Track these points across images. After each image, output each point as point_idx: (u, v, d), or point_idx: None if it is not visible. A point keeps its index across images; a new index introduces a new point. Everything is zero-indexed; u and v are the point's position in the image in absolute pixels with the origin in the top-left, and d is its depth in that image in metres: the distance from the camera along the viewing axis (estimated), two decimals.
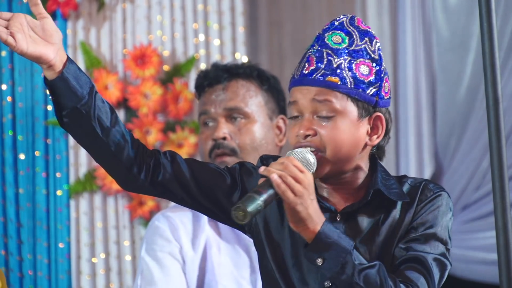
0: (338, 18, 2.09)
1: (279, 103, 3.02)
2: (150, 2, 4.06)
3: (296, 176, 1.92)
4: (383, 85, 2.05)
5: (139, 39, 4.02)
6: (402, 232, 2.02)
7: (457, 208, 4.27)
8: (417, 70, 4.36)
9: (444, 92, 4.37)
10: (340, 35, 2.06)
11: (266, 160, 2.12)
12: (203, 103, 3.00)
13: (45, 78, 1.96)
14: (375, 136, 2.06)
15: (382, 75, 2.05)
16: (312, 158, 2.00)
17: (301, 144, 2.02)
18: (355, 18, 2.09)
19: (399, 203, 2.04)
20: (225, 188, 2.09)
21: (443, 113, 4.37)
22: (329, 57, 2.04)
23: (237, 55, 4.13)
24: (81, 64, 3.96)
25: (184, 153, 3.99)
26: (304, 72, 2.04)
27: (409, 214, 2.03)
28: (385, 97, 2.06)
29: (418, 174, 4.33)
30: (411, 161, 4.31)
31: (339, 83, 2.02)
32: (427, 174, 4.34)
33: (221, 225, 2.98)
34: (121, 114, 4.01)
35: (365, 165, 2.08)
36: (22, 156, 3.92)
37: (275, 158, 2.07)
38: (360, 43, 2.06)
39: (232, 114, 2.94)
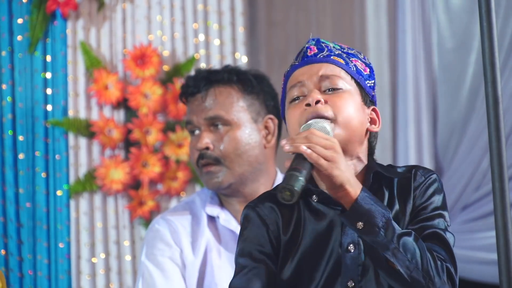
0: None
1: (266, 103, 3.00)
2: (150, 2, 4.06)
3: (323, 143, 1.93)
4: (375, 85, 2.12)
5: (139, 39, 4.03)
6: (408, 219, 2.04)
7: (457, 208, 4.27)
8: (417, 70, 4.36)
9: (446, 92, 4.37)
10: (333, 43, 2.14)
11: (252, 207, 2.10)
12: (188, 112, 3.01)
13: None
14: (375, 125, 2.11)
15: (374, 78, 2.12)
16: (328, 126, 2.01)
17: (311, 115, 2.03)
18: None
19: (396, 193, 2.06)
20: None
21: (444, 113, 4.37)
22: (328, 46, 2.09)
23: (237, 55, 4.13)
24: (81, 64, 3.97)
25: (184, 153, 3.99)
26: (307, 54, 2.07)
27: (409, 201, 2.06)
28: (375, 97, 2.13)
29: None
30: (411, 161, 4.31)
31: (343, 62, 2.07)
32: None
33: (220, 228, 2.98)
34: (121, 114, 4.01)
35: (364, 157, 2.10)
36: (22, 156, 3.92)
37: (262, 199, 2.09)
38: (351, 52, 2.12)
39: (213, 123, 2.94)
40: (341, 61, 2.07)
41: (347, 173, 1.93)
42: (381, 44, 4.41)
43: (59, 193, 3.93)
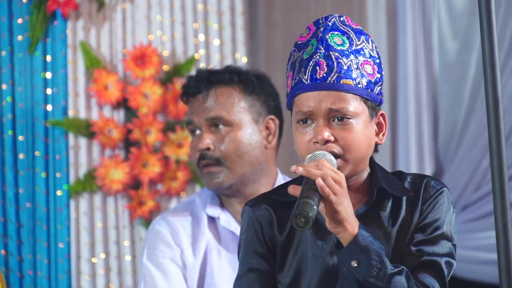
0: (328, 18, 2.06)
1: (267, 104, 2.99)
2: (150, 2, 4.06)
3: (334, 176, 1.93)
4: (383, 82, 2.07)
5: (139, 39, 4.02)
6: (412, 230, 2.03)
7: (457, 208, 4.27)
8: (418, 70, 4.35)
9: (447, 92, 4.36)
10: (339, 36, 2.04)
11: (249, 206, 2.10)
12: (189, 112, 3.00)
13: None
14: (381, 134, 2.08)
15: (382, 73, 2.07)
16: (334, 160, 1.99)
17: (319, 150, 2.00)
18: (344, 17, 2.07)
19: (404, 201, 2.04)
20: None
21: (445, 113, 4.37)
22: (338, 60, 2.01)
23: (237, 55, 4.13)
24: (81, 64, 3.96)
25: (184, 153, 3.99)
26: (316, 76, 2.01)
27: (416, 212, 2.04)
28: (382, 95, 2.09)
29: None
30: (412, 161, 4.31)
31: (352, 85, 2.01)
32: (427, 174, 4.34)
33: (220, 229, 2.98)
34: (121, 114, 4.01)
35: (368, 164, 2.09)
36: (22, 156, 3.92)
37: (258, 200, 2.09)
38: (359, 43, 2.04)
39: (214, 123, 2.93)
40: (351, 83, 2.00)
41: (348, 210, 1.93)
42: (381, 44, 4.41)
43: (59, 193, 3.92)
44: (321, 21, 2.06)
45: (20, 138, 3.92)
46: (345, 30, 2.05)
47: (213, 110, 2.93)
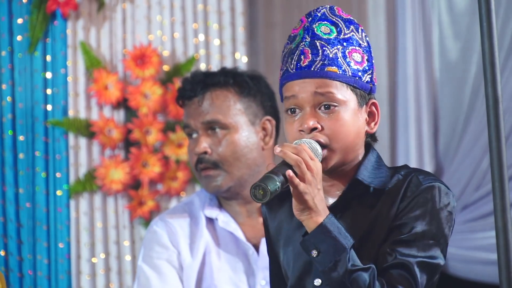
0: (318, 9, 2.06)
1: (263, 104, 2.98)
2: (150, 2, 4.06)
3: (308, 163, 1.91)
4: (374, 71, 2.05)
5: (139, 39, 4.02)
6: (388, 227, 1.98)
7: (457, 208, 4.27)
8: (418, 70, 4.36)
9: (447, 92, 4.36)
10: (327, 26, 2.03)
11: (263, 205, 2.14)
12: (185, 115, 3.00)
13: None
14: (373, 123, 2.06)
15: (373, 61, 2.05)
16: (319, 149, 1.98)
17: (305, 138, 2.00)
18: (335, 7, 2.06)
19: (384, 195, 2.00)
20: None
21: (445, 114, 4.37)
22: (323, 48, 2.01)
23: (237, 55, 4.13)
24: (81, 64, 3.97)
25: (184, 153, 3.99)
26: (300, 65, 2.01)
27: (393, 208, 1.99)
28: (375, 83, 2.07)
29: None
30: (412, 161, 4.31)
31: (338, 72, 2.00)
32: None
33: (219, 230, 2.98)
34: (121, 114, 4.01)
35: (361, 154, 2.06)
36: (22, 156, 3.92)
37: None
38: (347, 32, 2.03)
39: (211, 126, 2.93)
40: (336, 70, 1.99)
41: (316, 199, 1.92)
42: (381, 44, 4.41)
43: (59, 193, 3.93)
44: (312, 12, 2.07)
45: (20, 138, 3.92)
46: (334, 20, 2.04)
47: (209, 113, 2.92)
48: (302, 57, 2.02)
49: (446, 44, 4.37)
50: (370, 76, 2.04)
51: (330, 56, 2.00)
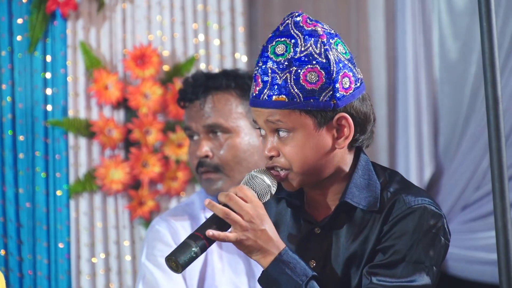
0: (283, 22, 2.01)
1: None
2: (150, 2, 4.06)
3: (240, 208, 1.92)
4: (337, 85, 1.96)
5: (139, 39, 4.03)
6: (370, 251, 1.96)
7: (457, 208, 4.27)
8: (418, 70, 4.36)
9: (447, 93, 4.36)
10: (284, 44, 1.98)
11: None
12: (186, 117, 2.99)
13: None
14: (342, 139, 1.99)
15: (334, 76, 1.95)
16: (268, 179, 1.99)
17: (268, 164, 2.01)
18: (301, 16, 2.00)
19: (373, 215, 1.97)
20: None
21: (445, 114, 4.37)
22: (273, 74, 1.97)
23: (237, 55, 4.13)
24: (81, 64, 3.97)
25: (184, 153, 3.99)
26: (253, 93, 2.00)
27: (375, 230, 1.97)
28: (346, 94, 1.98)
29: (418, 175, 4.33)
30: (411, 161, 4.31)
31: (286, 100, 1.95)
32: (427, 175, 4.34)
33: None
34: (121, 114, 4.01)
35: (346, 165, 2.03)
36: (22, 156, 3.92)
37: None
38: (304, 49, 1.96)
39: (212, 130, 2.93)
40: (283, 99, 1.95)
41: (260, 241, 1.92)
42: (380, 44, 4.41)
43: (59, 193, 3.93)
44: (282, 22, 2.02)
45: (20, 138, 3.92)
46: (294, 33, 1.98)
47: (210, 117, 2.92)
48: (254, 84, 2.00)
49: (446, 44, 4.37)
50: (331, 93, 1.95)
51: (279, 82, 1.96)
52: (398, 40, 4.39)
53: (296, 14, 2.01)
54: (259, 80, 1.99)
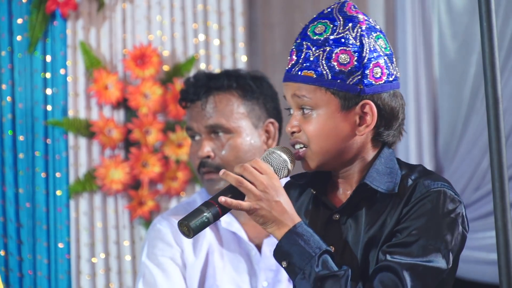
0: (329, 6, 2.05)
1: (266, 106, 2.97)
2: (150, 2, 4.06)
3: (254, 178, 1.93)
4: (367, 72, 1.98)
5: (139, 39, 4.03)
6: (388, 233, 1.96)
7: None
8: (417, 70, 4.36)
9: (447, 92, 4.36)
10: (324, 24, 2.01)
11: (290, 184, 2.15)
12: (188, 118, 2.99)
13: None
14: (363, 126, 2.00)
15: (365, 61, 1.98)
16: (285, 155, 2.01)
17: (291, 140, 2.03)
18: (346, 3, 2.03)
19: (392, 200, 1.98)
20: None
21: (445, 114, 4.37)
22: (308, 50, 2.00)
23: (237, 55, 4.13)
24: (81, 64, 3.97)
25: (184, 153, 3.99)
26: (287, 67, 2.03)
27: (395, 214, 1.96)
28: (375, 83, 2.00)
29: None
30: (411, 161, 4.31)
31: (314, 76, 1.98)
32: None
33: (221, 230, 2.98)
34: (121, 114, 4.01)
35: (368, 155, 2.04)
36: (22, 156, 3.92)
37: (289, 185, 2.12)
38: (341, 31, 1.99)
39: (214, 130, 2.92)
40: (311, 74, 1.98)
41: (274, 212, 1.93)
42: None
43: (58, 193, 3.93)
44: (327, 7, 2.06)
45: (20, 138, 3.92)
46: (336, 17, 2.02)
47: (212, 117, 2.92)
48: (289, 59, 2.03)
49: (446, 44, 4.37)
50: (359, 77, 1.98)
51: (311, 59, 1.99)
52: (398, 40, 4.39)
53: (343, 1, 2.04)
54: (294, 55, 2.02)
